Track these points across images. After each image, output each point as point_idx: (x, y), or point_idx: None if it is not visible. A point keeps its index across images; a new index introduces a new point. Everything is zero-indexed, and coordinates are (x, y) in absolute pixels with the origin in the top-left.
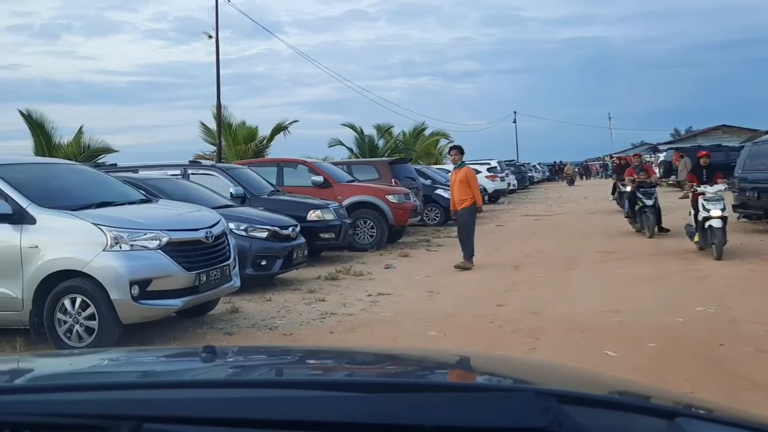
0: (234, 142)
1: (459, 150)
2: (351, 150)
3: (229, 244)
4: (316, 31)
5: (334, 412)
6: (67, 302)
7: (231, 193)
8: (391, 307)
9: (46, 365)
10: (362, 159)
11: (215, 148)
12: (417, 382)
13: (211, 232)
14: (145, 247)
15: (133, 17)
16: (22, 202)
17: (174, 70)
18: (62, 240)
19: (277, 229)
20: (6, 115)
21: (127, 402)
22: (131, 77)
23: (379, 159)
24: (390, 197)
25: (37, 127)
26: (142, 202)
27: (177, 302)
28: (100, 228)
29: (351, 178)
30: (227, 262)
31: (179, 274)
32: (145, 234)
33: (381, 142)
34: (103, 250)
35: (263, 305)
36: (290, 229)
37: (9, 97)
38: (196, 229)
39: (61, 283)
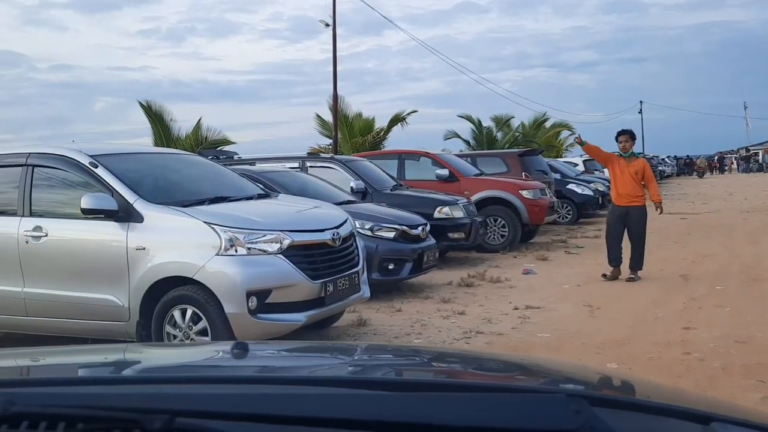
0: (350, 135)
1: (630, 135)
2: (468, 143)
3: (357, 247)
4: (426, 25)
5: (367, 411)
6: (176, 314)
7: (351, 187)
8: (546, 326)
9: (79, 358)
10: (488, 151)
11: (330, 141)
12: (447, 381)
13: (338, 233)
14: (263, 251)
15: (251, 18)
16: (129, 197)
17: (289, 68)
18: (172, 241)
19: (405, 228)
20: (136, 115)
21: (160, 396)
22: (250, 76)
23: (508, 150)
24: (524, 193)
25: (156, 120)
26: (260, 197)
27: (300, 317)
28: (212, 228)
29: (478, 172)
30: (356, 269)
31: (303, 283)
32: (264, 235)
33: (499, 135)
34: (217, 255)
35: (393, 317)
36: (420, 228)
37: (139, 97)
38: (322, 230)
39: (170, 291)
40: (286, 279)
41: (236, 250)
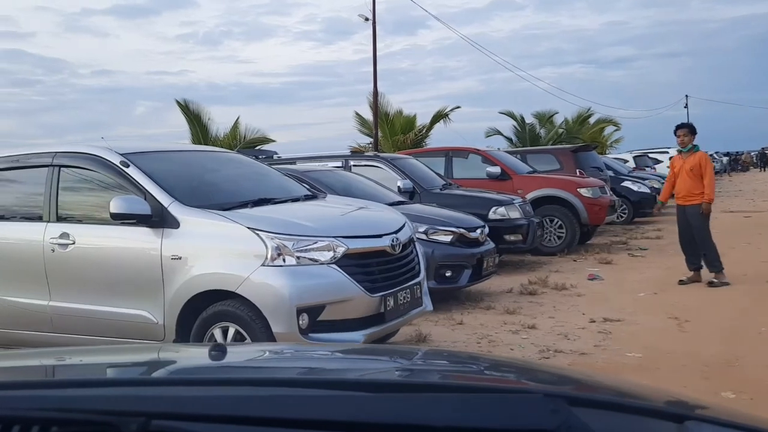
0: (391, 133)
1: (690, 129)
2: (510, 140)
3: (418, 254)
4: (460, 23)
5: (346, 412)
6: (217, 332)
7: (398, 186)
8: (633, 343)
9: (54, 361)
10: (539, 147)
11: (370, 140)
12: (425, 382)
13: (397, 238)
14: (315, 260)
15: (285, 21)
16: (164, 200)
17: (322, 69)
18: (211, 250)
19: (463, 231)
20: (175, 119)
21: (136, 398)
22: (284, 78)
23: (560, 147)
24: (582, 191)
25: (194, 119)
26: (307, 198)
27: (357, 336)
28: (257, 234)
29: (531, 169)
30: (417, 279)
31: (360, 297)
32: (315, 242)
33: (542, 132)
34: (262, 265)
35: (455, 331)
36: (478, 231)
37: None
38: (380, 236)
39: (210, 306)
40: (342, 293)
41: (284, 260)
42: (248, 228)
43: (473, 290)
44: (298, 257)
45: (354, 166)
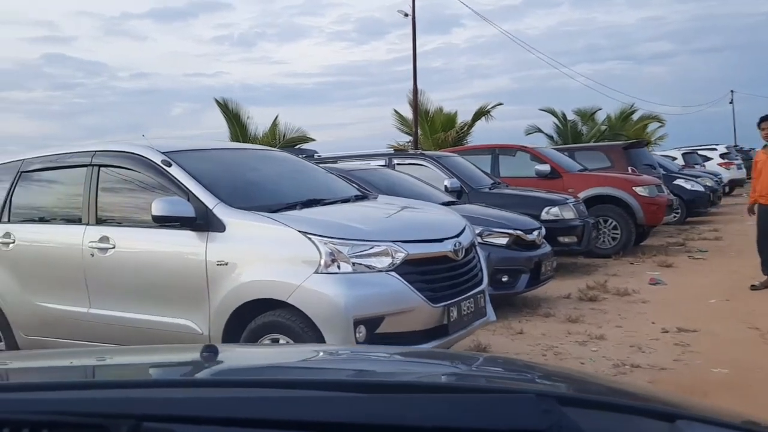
0: (431, 130)
1: None
2: (551, 138)
3: (480, 260)
4: (495, 21)
5: (334, 413)
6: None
7: (445, 186)
8: (716, 356)
9: (44, 363)
10: (588, 144)
11: (410, 138)
12: (416, 382)
13: (459, 243)
14: (372, 267)
15: (319, 21)
16: (209, 201)
17: (355, 69)
18: (259, 255)
19: (520, 233)
20: (211, 120)
21: (127, 400)
22: (317, 78)
23: (610, 143)
24: (638, 189)
25: (233, 118)
26: (357, 199)
27: None
28: (309, 238)
29: (582, 167)
30: (480, 287)
31: (422, 308)
32: (372, 247)
33: (584, 129)
34: (315, 272)
35: (516, 341)
36: (535, 233)
37: (211, 101)
38: (441, 240)
39: (259, 317)
40: (402, 303)
41: (339, 267)
42: (299, 232)
43: (529, 296)
44: (354, 264)
45: (398, 164)
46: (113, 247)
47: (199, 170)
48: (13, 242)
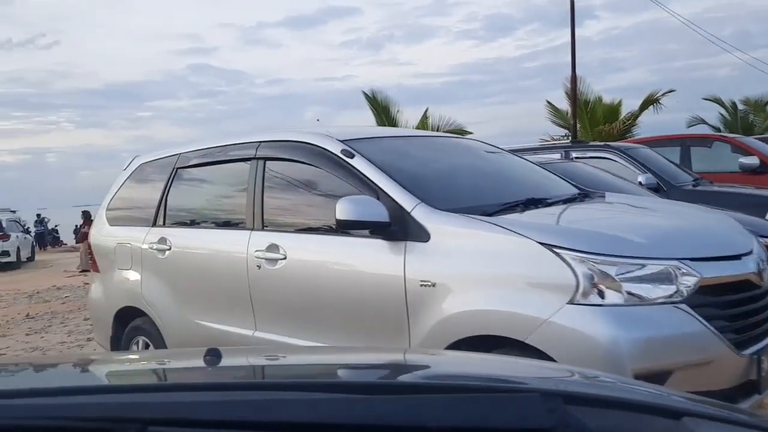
0: (591, 123)
1: None
2: (717, 129)
3: None
4: (630, 11)
5: (336, 414)
6: None
7: (639, 182)
8: None
9: (50, 369)
10: None
11: (565, 131)
12: (421, 383)
13: (763, 261)
14: (650, 297)
15: (446, 21)
16: (406, 202)
17: (483, 67)
18: (480, 274)
19: None
20: (343, 121)
21: (132, 405)
22: (444, 78)
23: None
24: None
25: (382, 112)
26: (583, 198)
27: None
28: (558, 254)
29: None
30: None
31: (724, 356)
32: (649, 268)
33: (756, 120)
34: (570, 302)
35: None
36: None
37: (342, 104)
38: (738, 256)
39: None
40: (698, 350)
41: (603, 296)
42: (542, 244)
43: None
44: (627, 293)
45: (577, 158)
46: (284, 258)
47: (388, 162)
48: (169, 249)
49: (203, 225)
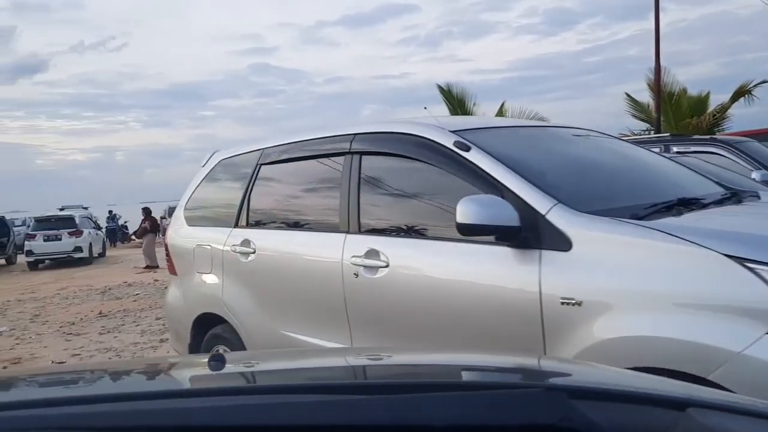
0: (676, 116)
1: None
2: None
3: None
4: (698, 3)
5: (341, 414)
6: None
7: (754, 179)
8: None
9: (56, 378)
10: None
11: (646, 126)
12: (426, 381)
13: None
14: None
15: (505, 16)
16: (539, 203)
17: (543, 62)
18: (641, 293)
19: None
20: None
21: (138, 413)
22: (503, 74)
23: None
24: None
25: (458, 105)
26: (734, 199)
27: None
28: (749, 267)
29: None
30: None
31: None
32: None
33: None
34: None
35: None
36: None
37: (400, 102)
38: None
39: None
40: None
41: None
42: (728, 256)
43: None
44: None
45: (678, 153)
46: (386, 266)
47: (511, 156)
48: (253, 252)
49: (290, 227)
